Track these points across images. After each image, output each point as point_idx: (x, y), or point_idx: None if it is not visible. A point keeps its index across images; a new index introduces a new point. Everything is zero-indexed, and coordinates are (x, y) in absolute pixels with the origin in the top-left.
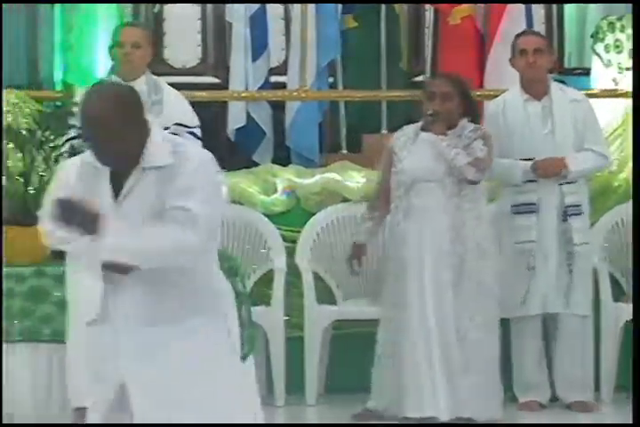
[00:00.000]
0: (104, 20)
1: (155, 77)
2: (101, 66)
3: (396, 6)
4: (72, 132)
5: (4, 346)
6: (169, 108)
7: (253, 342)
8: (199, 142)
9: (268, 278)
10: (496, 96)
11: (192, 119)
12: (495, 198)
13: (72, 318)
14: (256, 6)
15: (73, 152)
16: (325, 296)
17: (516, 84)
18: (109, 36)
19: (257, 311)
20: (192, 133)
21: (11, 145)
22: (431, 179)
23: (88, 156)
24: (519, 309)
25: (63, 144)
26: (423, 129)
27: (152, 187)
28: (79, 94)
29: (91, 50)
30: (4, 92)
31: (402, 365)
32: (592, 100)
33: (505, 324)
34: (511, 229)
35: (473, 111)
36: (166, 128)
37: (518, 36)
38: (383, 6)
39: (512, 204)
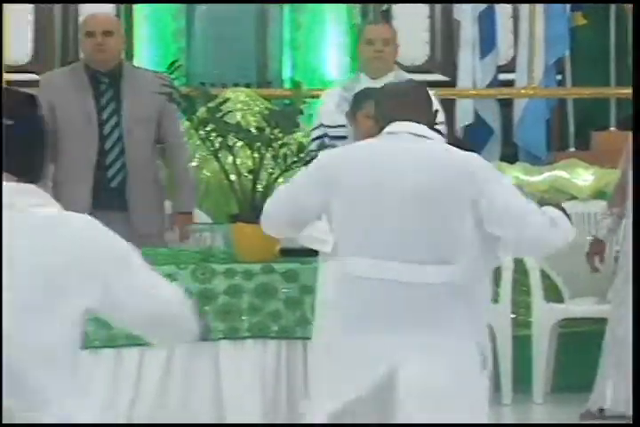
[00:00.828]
0: (332, 20)
1: (403, 74)
2: (329, 64)
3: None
4: (317, 132)
5: (231, 343)
6: None
7: None
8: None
9: (495, 276)
10: None
11: (439, 116)
12: None
13: (321, 310)
14: (484, 4)
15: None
16: (552, 294)
17: None
18: (340, 33)
19: None
20: (436, 130)
21: (240, 143)
22: None
23: None
24: None
25: (309, 143)
26: None
27: None
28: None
29: (319, 48)
30: (234, 90)
31: (629, 365)
32: None
33: None
34: None
35: None
36: None
37: None
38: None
39: None
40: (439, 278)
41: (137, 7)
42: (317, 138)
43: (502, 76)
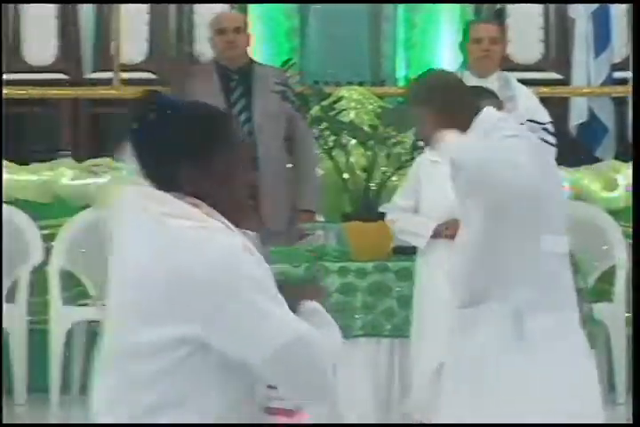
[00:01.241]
0: (447, 19)
1: (506, 74)
2: (444, 63)
3: None
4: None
5: (345, 341)
6: (521, 105)
7: (595, 339)
8: (553, 139)
9: (609, 275)
10: None
11: (544, 115)
12: None
13: (419, 309)
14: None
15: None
16: None
17: None
18: (454, 32)
19: (599, 308)
20: (545, 130)
21: (353, 141)
22: None
23: None
24: None
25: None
26: None
27: None
28: None
29: (433, 47)
30: (348, 89)
31: None
32: None
33: None
34: None
35: None
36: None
37: None
38: None
39: None
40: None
41: (251, 7)
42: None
43: (617, 75)
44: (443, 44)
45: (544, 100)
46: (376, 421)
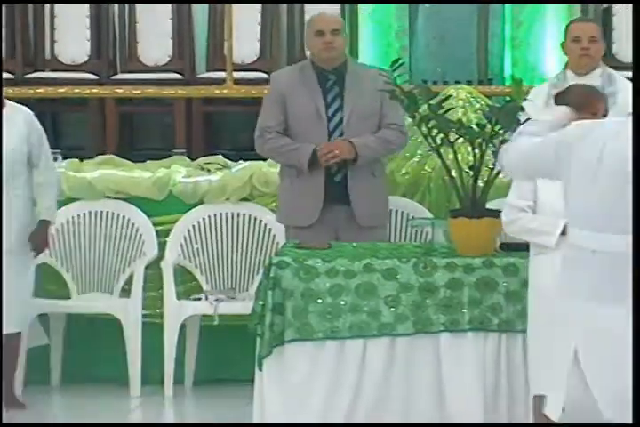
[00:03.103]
0: (552, 17)
1: (609, 70)
2: (549, 62)
3: None
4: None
5: (452, 335)
6: (624, 100)
7: None
8: None
9: None
10: None
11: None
12: None
13: (534, 302)
14: None
15: None
16: None
17: None
18: (560, 31)
19: None
20: None
21: (461, 139)
22: None
23: None
24: None
25: None
26: None
27: None
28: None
29: (538, 46)
30: (455, 87)
31: None
32: None
33: None
34: None
35: None
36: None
37: None
38: None
39: None
40: (629, 248)
41: (360, 7)
42: None
43: None
44: (548, 43)
45: None
46: (484, 414)
